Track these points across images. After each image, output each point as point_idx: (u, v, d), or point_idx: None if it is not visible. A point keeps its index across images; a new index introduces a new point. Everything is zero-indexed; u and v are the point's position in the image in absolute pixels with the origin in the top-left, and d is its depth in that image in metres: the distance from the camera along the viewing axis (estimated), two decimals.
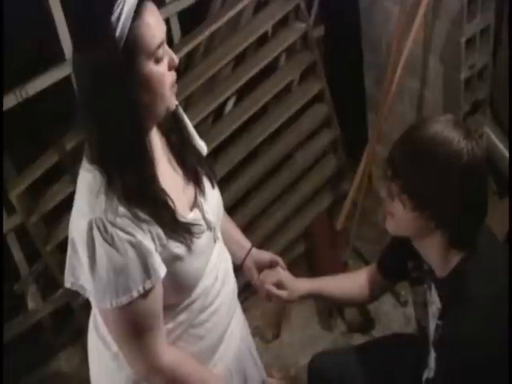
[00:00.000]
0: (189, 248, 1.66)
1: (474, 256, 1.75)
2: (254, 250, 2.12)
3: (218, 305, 1.84)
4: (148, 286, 1.58)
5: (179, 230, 1.63)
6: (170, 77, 1.58)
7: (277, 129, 3.35)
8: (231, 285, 1.92)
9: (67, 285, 1.67)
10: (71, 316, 3.14)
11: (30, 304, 3.05)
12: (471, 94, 3.17)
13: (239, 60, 3.17)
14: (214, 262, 1.81)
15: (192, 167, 1.77)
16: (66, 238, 2.78)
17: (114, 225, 1.53)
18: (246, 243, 2.12)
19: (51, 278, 2.98)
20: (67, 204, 2.81)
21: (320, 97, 3.48)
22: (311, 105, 3.49)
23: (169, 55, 1.58)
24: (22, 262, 2.96)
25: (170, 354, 1.70)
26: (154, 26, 1.52)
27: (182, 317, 1.76)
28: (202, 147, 1.93)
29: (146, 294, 1.59)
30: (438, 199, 1.66)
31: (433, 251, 1.79)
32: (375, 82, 3.46)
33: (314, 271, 3.47)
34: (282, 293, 2.10)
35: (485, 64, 3.13)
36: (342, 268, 3.41)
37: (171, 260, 1.64)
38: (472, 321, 1.68)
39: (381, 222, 3.66)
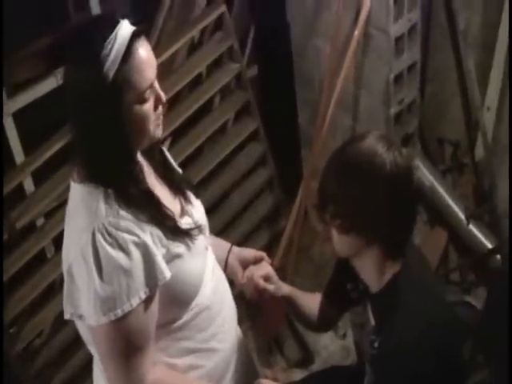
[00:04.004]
0: (188, 246, 1.70)
1: (406, 270, 1.80)
2: (236, 248, 2.10)
3: (225, 316, 1.86)
4: (154, 287, 1.60)
5: (180, 233, 1.68)
6: (154, 114, 1.59)
7: (213, 169, 3.36)
8: (232, 301, 1.96)
9: (66, 316, 1.63)
10: None
11: None
12: (401, 128, 3.26)
13: (174, 101, 3.18)
14: (211, 267, 1.84)
15: (176, 182, 1.82)
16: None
17: (117, 227, 1.55)
18: (225, 243, 2.11)
19: None
20: None
21: (255, 136, 3.52)
22: (246, 144, 3.53)
23: (156, 93, 1.59)
24: None
25: (154, 374, 1.68)
26: (145, 68, 1.53)
27: (187, 333, 1.77)
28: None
29: (147, 302, 1.60)
30: (369, 215, 1.70)
31: (370, 266, 1.81)
32: (309, 119, 3.52)
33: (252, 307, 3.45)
34: (271, 286, 2.06)
35: (413, 98, 3.23)
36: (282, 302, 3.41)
37: (172, 259, 1.66)
38: (406, 331, 1.72)
39: (317, 257, 3.69)
